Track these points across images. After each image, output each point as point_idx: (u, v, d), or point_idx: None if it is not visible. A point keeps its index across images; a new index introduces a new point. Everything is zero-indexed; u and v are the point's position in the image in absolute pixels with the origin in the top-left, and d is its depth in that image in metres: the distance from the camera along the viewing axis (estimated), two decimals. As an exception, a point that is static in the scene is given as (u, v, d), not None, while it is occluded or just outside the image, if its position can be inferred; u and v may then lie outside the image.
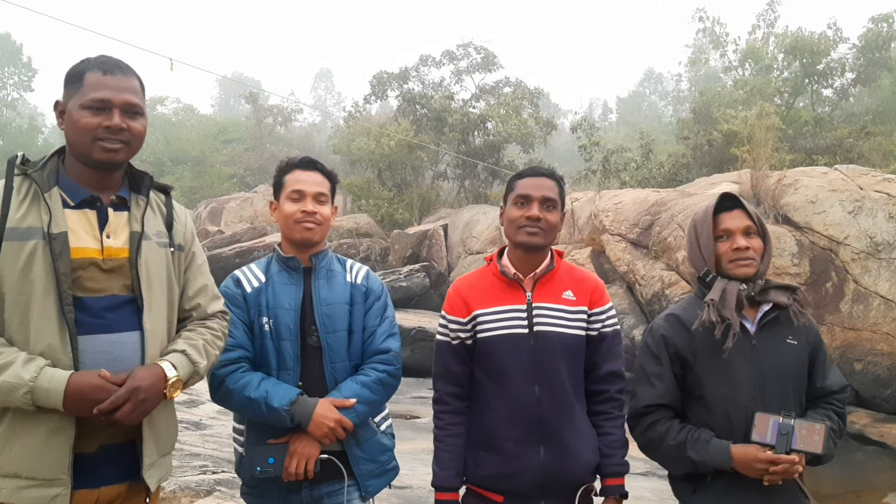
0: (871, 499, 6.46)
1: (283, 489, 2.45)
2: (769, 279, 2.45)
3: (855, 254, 8.87)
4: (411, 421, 7.63)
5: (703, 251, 2.44)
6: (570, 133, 23.41)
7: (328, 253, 2.65)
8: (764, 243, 2.43)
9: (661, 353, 2.44)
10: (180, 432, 5.45)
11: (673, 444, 2.35)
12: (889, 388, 8.42)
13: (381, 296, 2.65)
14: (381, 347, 2.56)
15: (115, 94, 1.98)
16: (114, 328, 1.96)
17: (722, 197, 2.48)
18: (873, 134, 18.66)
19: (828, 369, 2.44)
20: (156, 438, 2.06)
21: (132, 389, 1.87)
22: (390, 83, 24.27)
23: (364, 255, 17.38)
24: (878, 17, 24.67)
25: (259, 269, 2.59)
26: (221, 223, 24.38)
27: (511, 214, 2.46)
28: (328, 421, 2.37)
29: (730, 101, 22.69)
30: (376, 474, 2.56)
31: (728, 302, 2.33)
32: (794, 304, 2.38)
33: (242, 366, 2.46)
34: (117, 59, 2.06)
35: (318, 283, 2.55)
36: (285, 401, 2.36)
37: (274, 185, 2.66)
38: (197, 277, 2.23)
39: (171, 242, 2.14)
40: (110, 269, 1.98)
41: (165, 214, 2.17)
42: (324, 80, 73.84)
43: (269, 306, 2.50)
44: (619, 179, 18.52)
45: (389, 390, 2.58)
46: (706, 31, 29.93)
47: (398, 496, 4.64)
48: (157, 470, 2.08)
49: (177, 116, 45.36)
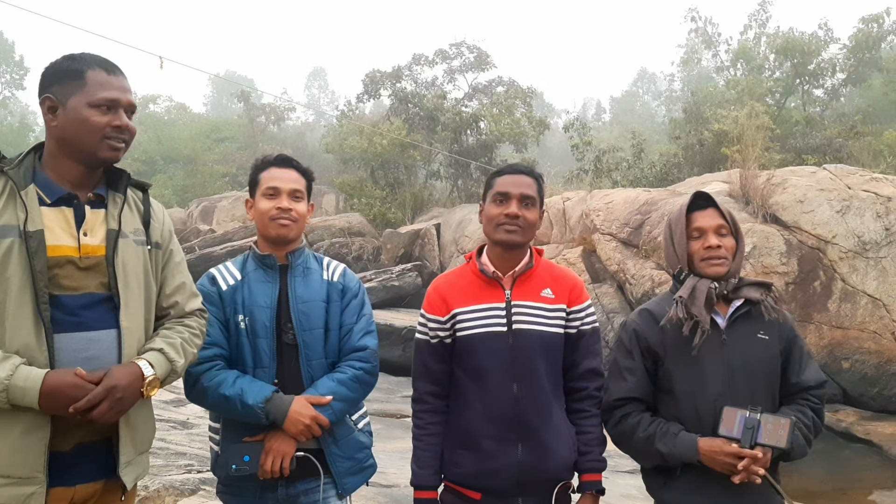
0: (858, 496, 6.51)
1: (258, 487, 2.45)
2: (742, 277, 2.47)
3: (843, 253, 8.92)
4: (401, 420, 7.64)
5: (677, 249, 2.47)
6: (563, 132, 23.39)
7: (305, 250, 2.64)
8: (736, 242, 2.45)
9: (633, 348, 2.47)
10: (167, 431, 5.49)
11: (643, 437, 2.37)
12: (876, 387, 8.47)
13: (358, 293, 2.64)
14: (357, 345, 2.56)
15: (121, 94, 2.02)
16: (90, 326, 1.96)
17: (696, 196, 2.51)
18: (863, 134, 18.76)
19: (804, 365, 2.43)
20: (133, 437, 2.06)
21: (109, 388, 1.87)
22: (383, 82, 24.24)
23: (356, 254, 17.38)
24: (868, 18, 24.80)
25: (235, 267, 2.59)
26: (213, 222, 24.33)
27: (490, 212, 2.47)
28: (304, 418, 2.37)
29: (721, 101, 22.76)
30: (353, 472, 2.56)
31: (697, 299, 2.36)
32: (766, 300, 2.40)
33: (217, 363, 2.45)
34: (110, 59, 2.08)
35: (295, 281, 2.55)
36: (260, 398, 2.36)
37: (249, 182, 2.66)
38: (175, 275, 2.23)
39: (149, 240, 2.14)
40: (87, 266, 1.98)
41: (143, 212, 2.16)
42: (317, 78, 73.72)
43: (245, 304, 2.49)
44: (611, 179, 18.56)
45: (366, 388, 2.58)
46: (698, 31, 30.01)
47: (385, 495, 4.65)
48: (134, 468, 2.08)
49: (169, 115, 45.18)
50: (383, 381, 8.91)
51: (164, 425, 5.78)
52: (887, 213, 9.04)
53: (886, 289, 8.68)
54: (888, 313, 8.61)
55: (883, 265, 8.78)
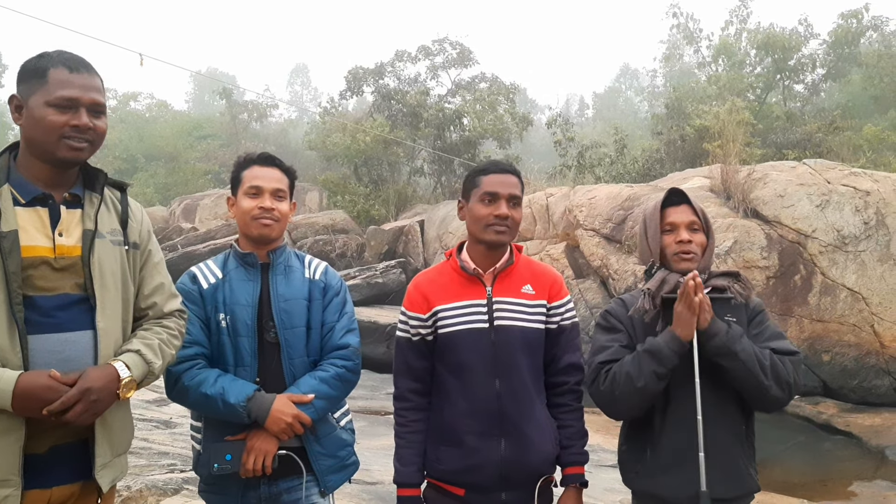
0: (837, 487, 6.58)
1: (241, 486, 2.44)
2: (711, 271, 2.51)
3: (822, 247, 9.02)
4: (385, 417, 7.63)
5: (650, 243, 2.52)
6: (546, 128, 23.46)
7: (286, 249, 2.63)
8: (707, 238, 2.50)
9: (613, 324, 2.52)
10: (149, 431, 5.46)
11: (629, 359, 2.37)
12: (856, 379, 8.58)
13: (339, 291, 2.64)
14: (339, 343, 2.55)
15: (82, 92, 1.96)
16: (65, 327, 1.94)
17: (670, 192, 2.55)
18: (842, 129, 18.95)
19: (769, 336, 2.43)
20: (109, 438, 2.04)
21: (83, 390, 1.85)
22: (366, 79, 24.19)
23: (340, 251, 17.33)
24: (847, 14, 25.05)
25: (216, 266, 2.58)
26: (196, 220, 24.20)
27: (478, 212, 2.45)
28: (285, 416, 2.37)
29: (703, 97, 22.90)
30: (335, 469, 2.56)
31: (664, 291, 2.40)
32: (733, 286, 2.44)
33: (198, 362, 2.44)
34: (80, 56, 2.04)
35: (276, 279, 2.54)
36: (242, 397, 2.35)
37: (231, 180, 2.65)
38: (153, 276, 2.21)
39: (126, 240, 2.12)
40: (62, 267, 1.96)
41: (120, 212, 2.14)
42: (300, 75, 73.40)
43: (226, 303, 2.48)
44: (594, 175, 18.62)
45: (348, 386, 2.57)
46: (680, 27, 30.18)
47: (370, 492, 4.65)
48: (111, 470, 2.06)
49: (150, 112, 44.83)
50: (367, 379, 8.89)
51: (147, 425, 5.75)
52: (866, 207, 9.15)
53: (865, 282, 8.78)
54: (867, 306, 8.71)
55: (862, 259, 8.88)
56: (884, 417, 8.03)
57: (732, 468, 2.37)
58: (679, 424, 2.35)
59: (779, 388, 2.33)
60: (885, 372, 8.52)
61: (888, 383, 8.51)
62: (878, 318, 8.64)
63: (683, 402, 2.34)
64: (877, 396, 8.51)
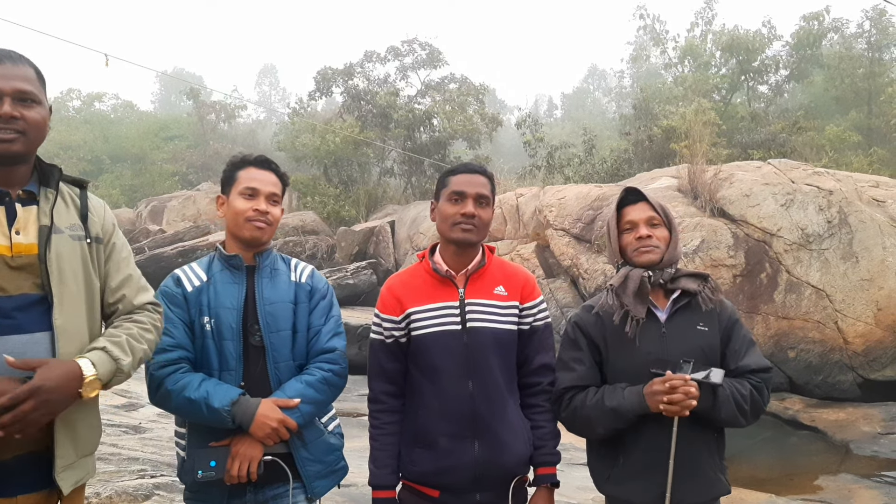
0: (804, 481, 6.70)
1: (226, 493, 2.39)
2: (680, 268, 2.53)
3: (787, 245, 9.17)
4: (358, 419, 7.61)
5: (612, 244, 2.56)
6: (515, 129, 23.57)
7: (272, 252, 2.60)
8: (670, 232, 2.51)
9: (578, 339, 2.53)
10: (118, 436, 5.39)
11: (592, 403, 2.41)
12: (820, 375, 8.74)
13: (326, 294, 2.60)
14: (326, 346, 2.52)
15: (3, 82, 1.90)
16: (24, 328, 1.88)
17: (626, 191, 2.57)
18: (805, 129, 19.33)
19: (745, 351, 2.46)
20: (73, 439, 1.99)
21: (33, 388, 1.79)
22: (335, 79, 24.10)
23: (310, 252, 17.25)
24: (809, 16, 25.57)
25: (200, 268, 2.53)
26: (163, 222, 23.88)
27: (445, 211, 2.47)
28: (271, 421, 2.32)
29: (669, 98, 23.21)
30: (323, 475, 2.52)
31: (628, 288, 2.43)
32: (703, 290, 2.46)
33: (182, 366, 2.38)
34: (7, 49, 1.98)
35: (262, 282, 2.50)
36: (226, 401, 2.30)
37: (224, 179, 2.59)
38: (120, 269, 2.14)
39: (87, 234, 2.06)
40: (19, 266, 1.90)
41: (80, 206, 2.08)
42: (268, 76, 72.81)
43: (211, 306, 2.43)
44: (563, 175, 18.79)
45: (335, 390, 2.54)
46: (647, 28, 30.57)
47: (343, 495, 4.63)
48: (74, 472, 2.00)
49: (115, 113, 44.20)
50: (339, 381, 8.84)
51: (116, 430, 5.67)
52: (829, 206, 9.33)
53: (829, 280, 8.95)
54: (831, 303, 8.88)
55: (826, 257, 9.05)
56: (848, 412, 8.19)
57: (702, 475, 2.40)
58: (652, 432, 2.37)
59: (754, 419, 2.40)
60: (848, 367, 8.70)
61: (851, 378, 8.68)
62: (842, 315, 8.81)
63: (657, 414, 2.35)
64: (841, 392, 8.67)
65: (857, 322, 8.74)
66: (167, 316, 2.37)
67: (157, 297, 2.42)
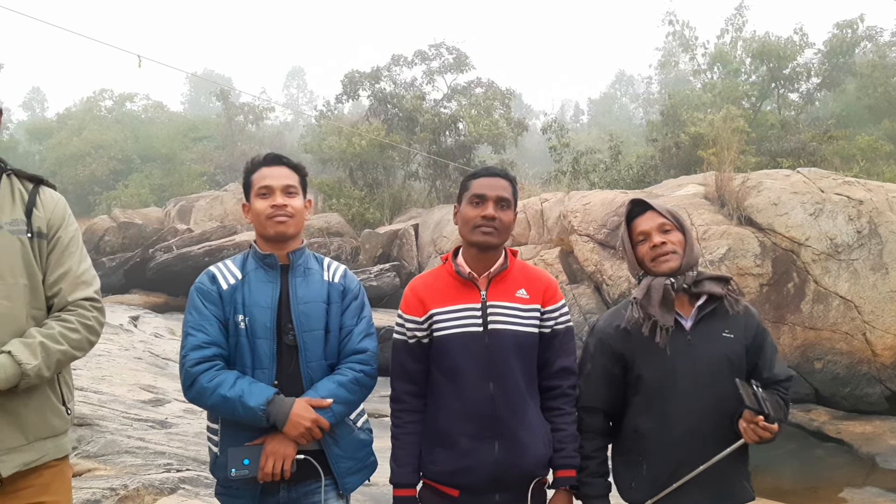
0: (828, 494, 6.62)
1: (258, 490, 2.41)
2: (702, 271, 2.51)
3: (815, 255, 9.06)
4: (379, 419, 7.65)
5: (629, 257, 2.56)
6: (541, 134, 23.52)
7: (305, 251, 2.61)
8: (683, 235, 2.50)
9: (596, 353, 2.55)
10: (145, 431, 5.45)
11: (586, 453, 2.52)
12: (847, 387, 8.61)
13: (358, 295, 2.61)
14: (357, 347, 2.53)
15: None
16: None
17: (632, 203, 2.58)
18: (836, 138, 19.06)
19: (774, 360, 2.48)
20: (18, 424, 2.00)
21: None
22: (362, 83, 24.24)
23: (335, 254, 17.36)
24: (842, 24, 25.20)
25: (235, 266, 2.54)
26: (191, 222, 24.19)
27: (466, 214, 2.49)
28: (305, 421, 2.33)
29: (698, 104, 23.02)
30: (354, 471, 2.54)
31: (653, 298, 2.41)
32: (728, 294, 2.45)
33: (217, 363, 2.39)
34: None
35: (296, 281, 2.52)
36: (261, 400, 2.32)
37: (244, 186, 2.63)
38: (60, 263, 2.12)
39: (30, 229, 2.06)
40: None
41: (27, 201, 2.09)
42: (296, 78, 73.47)
43: (245, 304, 2.45)
44: (589, 180, 18.69)
45: (366, 390, 2.54)
46: (676, 34, 30.27)
47: (364, 493, 4.66)
48: (21, 454, 2.01)
49: (146, 113, 44.84)
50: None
51: (143, 425, 5.76)
52: (859, 216, 9.20)
53: (858, 290, 8.83)
54: (860, 314, 8.76)
55: (855, 267, 8.93)
56: (875, 425, 8.06)
57: (727, 482, 2.40)
58: (677, 440, 2.38)
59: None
60: (876, 380, 8.57)
61: (879, 391, 8.55)
62: (870, 327, 8.68)
63: (681, 419, 2.37)
64: (868, 404, 8.54)
65: (887, 334, 8.60)
66: (202, 312, 2.41)
67: (192, 292, 2.46)
